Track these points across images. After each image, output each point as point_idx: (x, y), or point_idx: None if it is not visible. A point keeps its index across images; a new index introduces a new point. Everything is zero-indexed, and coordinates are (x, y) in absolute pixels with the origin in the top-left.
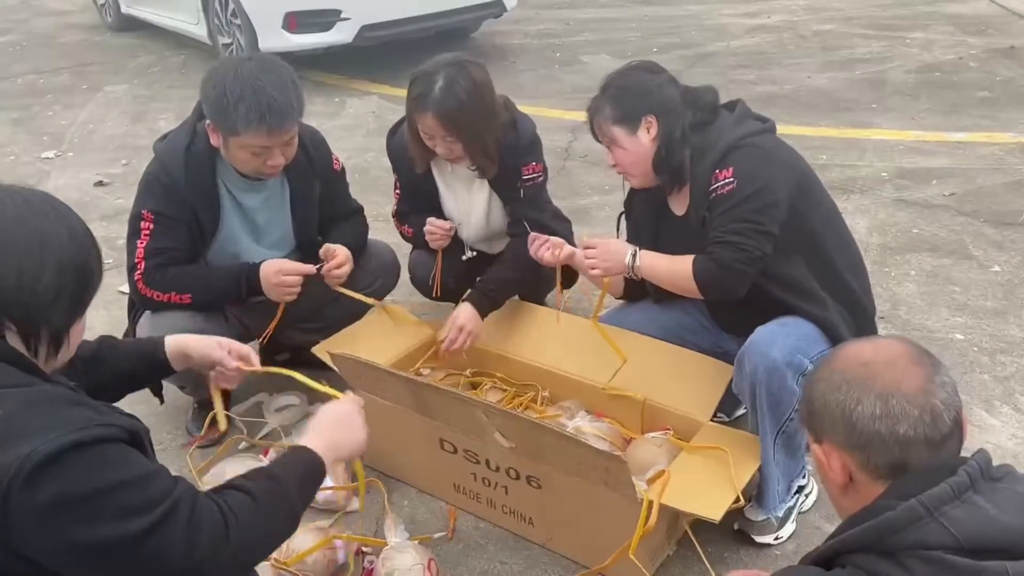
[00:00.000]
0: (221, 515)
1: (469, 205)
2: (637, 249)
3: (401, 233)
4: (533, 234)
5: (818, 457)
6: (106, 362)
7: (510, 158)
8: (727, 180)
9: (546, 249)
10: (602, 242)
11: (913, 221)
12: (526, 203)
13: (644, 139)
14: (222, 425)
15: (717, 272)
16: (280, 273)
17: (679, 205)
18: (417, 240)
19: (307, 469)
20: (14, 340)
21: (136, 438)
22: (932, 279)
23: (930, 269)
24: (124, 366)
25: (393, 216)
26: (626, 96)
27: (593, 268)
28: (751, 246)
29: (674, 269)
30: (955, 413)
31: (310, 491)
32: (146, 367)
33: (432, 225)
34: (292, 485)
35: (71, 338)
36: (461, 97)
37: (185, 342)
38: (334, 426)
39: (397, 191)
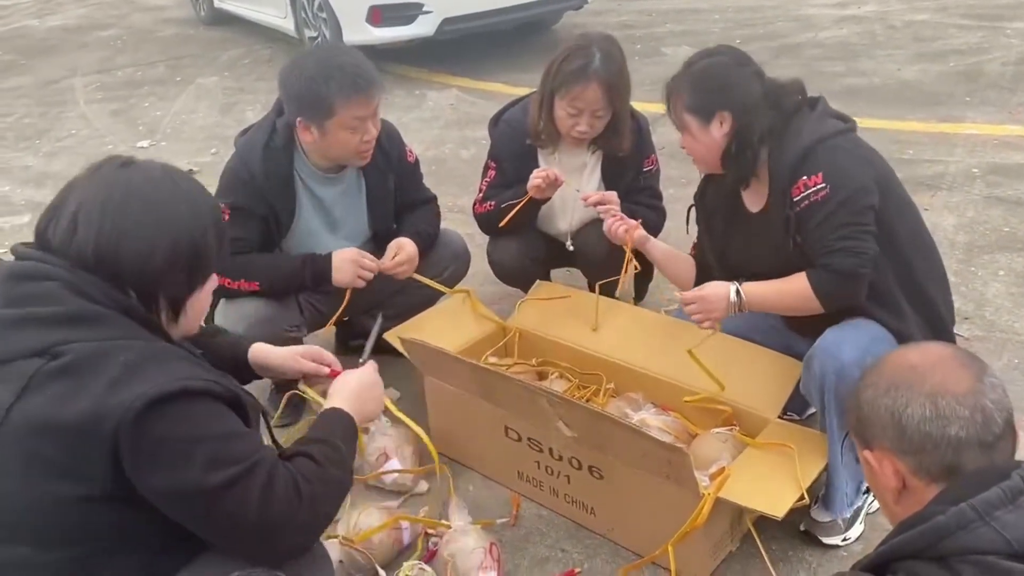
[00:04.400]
0: (293, 480)
1: (575, 194)
2: (737, 286)
3: (478, 215)
4: (615, 212)
5: (870, 464)
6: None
7: (634, 145)
8: (818, 186)
9: (621, 226)
10: (698, 294)
11: (1004, 219)
12: (647, 191)
13: (716, 133)
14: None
15: (840, 282)
16: (360, 258)
17: (753, 201)
18: (493, 216)
19: (347, 429)
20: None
21: (238, 403)
22: (1022, 280)
23: (1020, 269)
24: (214, 360)
25: (475, 204)
26: (706, 86)
27: (701, 323)
28: (864, 248)
29: (787, 291)
30: (1007, 415)
31: (353, 448)
32: (232, 368)
33: (542, 171)
34: (342, 446)
35: (190, 308)
36: (621, 65)
37: (265, 357)
38: (359, 393)
39: (487, 179)
